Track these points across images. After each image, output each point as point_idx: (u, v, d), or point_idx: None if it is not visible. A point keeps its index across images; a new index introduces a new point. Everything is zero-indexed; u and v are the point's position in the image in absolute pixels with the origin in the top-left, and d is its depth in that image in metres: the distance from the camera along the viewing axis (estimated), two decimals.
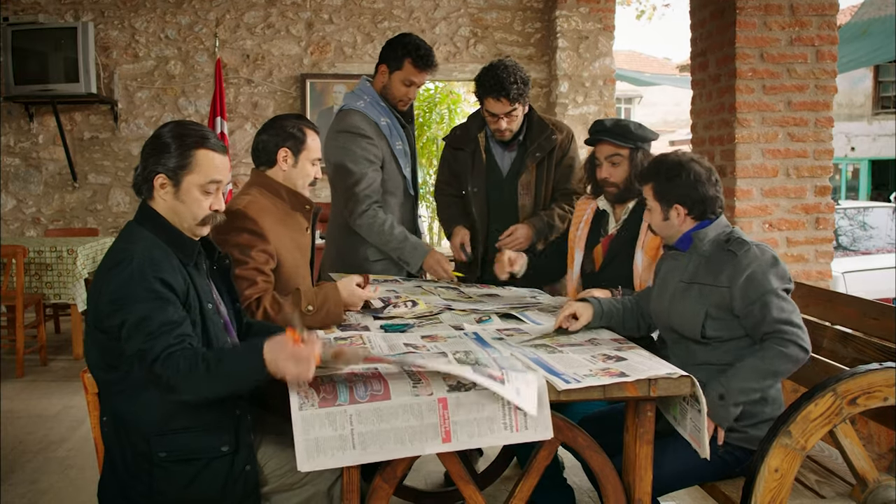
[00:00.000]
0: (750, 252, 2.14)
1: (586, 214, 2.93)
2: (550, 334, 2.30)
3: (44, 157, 6.99)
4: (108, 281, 1.82)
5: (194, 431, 1.86)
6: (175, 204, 1.93)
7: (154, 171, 1.91)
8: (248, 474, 1.90)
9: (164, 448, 1.84)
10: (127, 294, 1.78)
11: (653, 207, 2.30)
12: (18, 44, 6.50)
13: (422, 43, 3.08)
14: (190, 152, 1.91)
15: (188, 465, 1.85)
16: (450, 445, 1.79)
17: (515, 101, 3.03)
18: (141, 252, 1.84)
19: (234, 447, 1.89)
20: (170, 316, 1.79)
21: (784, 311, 2.08)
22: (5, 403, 4.41)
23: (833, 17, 4.30)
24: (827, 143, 4.36)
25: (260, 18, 7.04)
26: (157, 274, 1.81)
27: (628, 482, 2.02)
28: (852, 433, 2.03)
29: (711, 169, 2.27)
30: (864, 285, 6.03)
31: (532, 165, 3.17)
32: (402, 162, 3.17)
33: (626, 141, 2.71)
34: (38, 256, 5.23)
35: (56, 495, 3.22)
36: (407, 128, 3.23)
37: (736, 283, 2.12)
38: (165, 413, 1.83)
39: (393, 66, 3.09)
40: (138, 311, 1.76)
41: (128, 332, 1.77)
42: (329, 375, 1.82)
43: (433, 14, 7.18)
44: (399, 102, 3.15)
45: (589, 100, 7.03)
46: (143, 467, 1.85)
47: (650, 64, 22.49)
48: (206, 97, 7.00)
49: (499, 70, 3.00)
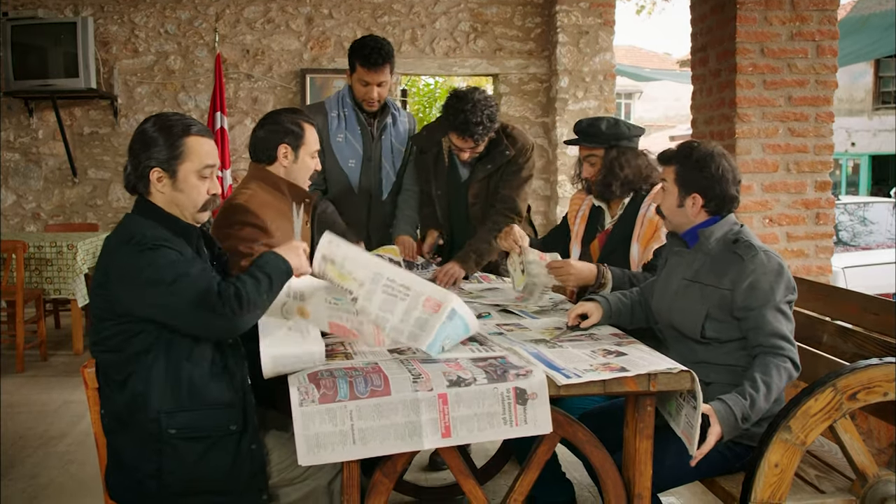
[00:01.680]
0: (756, 258, 2.12)
1: (582, 209, 2.94)
2: (551, 329, 2.30)
3: (44, 152, 6.98)
4: (125, 255, 1.84)
5: (204, 409, 1.87)
6: (174, 194, 1.94)
7: (148, 166, 1.92)
8: (255, 453, 1.92)
9: (174, 425, 1.85)
10: (154, 261, 1.81)
11: (669, 190, 2.26)
12: (18, 39, 6.49)
13: (369, 41, 3.11)
14: (180, 141, 1.93)
15: (197, 443, 1.87)
16: (450, 440, 1.79)
17: (479, 141, 3.02)
18: (152, 232, 1.88)
19: (241, 426, 1.91)
20: (204, 266, 1.91)
21: (781, 325, 2.08)
22: (5, 398, 4.41)
23: (833, 12, 4.30)
24: (827, 139, 4.36)
25: (260, 13, 7.03)
26: (177, 247, 1.88)
27: (628, 477, 2.03)
28: (852, 428, 2.03)
29: (737, 169, 2.26)
30: (865, 280, 6.02)
31: (483, 176, 3.17)
32: (340, 156, 3.19)
33: (596, 141, 2.72)
34: (38, 252, 5.23)
35: (56, 490, 3.22)
36: (365, 127, 3.23)
37: (739, 287, 2.11)
38: (175, 391, 1.85)
39: (350, 69, 3.18)
40: (174, 269, 1.81)
41: (166, 290, 1.79)
42: (330, 371, 1.83)
43: (433, 9, 7.17)
44: (364, 103, 3.19)
45: (589, 95, 7.02)
46: (152, 447, 1.85)
47: (650, 59, 22.47)
48: (205, 92, 6.99)
49: (466, 107, 2.93)
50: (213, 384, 1.88)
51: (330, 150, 3.19)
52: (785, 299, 2.11)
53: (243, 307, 1.81)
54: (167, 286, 1.79)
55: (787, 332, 2.08)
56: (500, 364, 1.89)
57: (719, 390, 2.06)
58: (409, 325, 1.94)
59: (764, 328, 2.07)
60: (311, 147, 2.57)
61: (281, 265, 1.93)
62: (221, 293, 1.80)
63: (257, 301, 1.85)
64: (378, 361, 1.92)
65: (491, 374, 1.82)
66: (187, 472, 1.86)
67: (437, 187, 3.26)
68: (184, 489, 1.87)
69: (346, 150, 3.21)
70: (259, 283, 1.86)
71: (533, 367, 1.87)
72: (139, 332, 1.84)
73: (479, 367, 1.86)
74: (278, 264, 1.93)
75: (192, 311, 1.80)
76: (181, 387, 1.86)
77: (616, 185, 2.70)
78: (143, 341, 1.84)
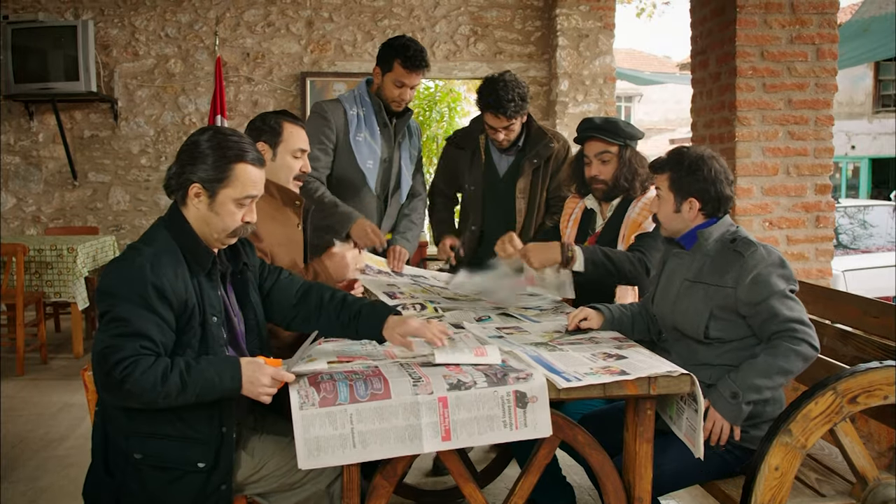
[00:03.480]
0: (757, 253, 2.13)
1: (574, 213, 2.95)
2: (551, 333, 2.30)
3: (44, 155, 6.98)
4: (109, 271, 1.84)
5: (173, 440, 1.84)
6: (208, 215, 1.92)
7: (189, 180, 1.90)
8: (223, 494, 1.88)
9: (140, 450, 1.83)
10: (118, 290, 1.79)
11: (665, 197, 2.28)
12: (18, 42, 6.50)
13: (412, 43, 3.10)
14: (229, 166, 1.90)
15: (162, 472, 1.84)
16: (450, 444, 1.79)
17: (512, 118, 3.11)
18: (150, 253, 1.85)
19: (211, 464, 1.86)
20: (147, 329, 1.78)
21: (793, 311, 2.09)
22: (6, 401, 4.41)
23: (833, 14, 4.30)
24: (827, 142, 4.36)
25: (260, 16, 7.04)
26: (155, 280, 1.80)
27: (628, 480, 2.03)
28: (852, 431, 2.03)
29: (728, 169, 2.28)
30: (865, 283, 6.02)
31: (529, 171, 3.25)
32: (359, 155, 3.17)
33: (615, 138, 2.74)
34: (39, 255, 5.22)
35: (56, 493, 3.22)
36: (388, 127, 3.23)
37: (742, 283, 2.12)
38: (150, 416, 1.82)
39: (384, 67, 3.13)
40: (121, 310, 1.77)
41: (104, 325, 1.78)
42: (330, 374, 1.83)
43: (433, 12, 7.18)
44: (393, 103, 3.18)
45: (589, 98, 7.03)
46: (119, 464, 1.85)
47: (650, 62, 22.48)
48: (206, 95, 6.99)
49: (498, 86, 3.06)
50: (190, 416, 1.83)
51: (349, 148, 3.16)
52: (788, 288, 2.12)
53: (122, 392, 1.74)
54: (102, 323, 1.79)
55: (800, 315, 2.09)
56: (500, 367, 1.89)
57: None
58: None
59: (778, 316, 2.08)
60: (292, 145, 2.52)
61: (217, 380, 1.78)
62: (115, 365, 1.72)
63: (143, 396, 1.74)
64: (378, 365, 1.92)
65: (491, 378, 1.82)
66: (148, 498, 1.84)
67: (471, 183, 3.32)
68: None
69: (366, 150, 3.18)
70: (164, 382, 1.73)
71: (533, 370, 1.87)
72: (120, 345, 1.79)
73: (480, 371, 1.86)
74: (214, 378, 1.78)
75: (95, 357, 1.77)
76: (155, 414, 1.81)
77: (637, 181, 2.74)
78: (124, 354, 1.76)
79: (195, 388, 1.76)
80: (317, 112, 3.20)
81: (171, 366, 1.77)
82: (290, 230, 2.56)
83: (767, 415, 2.16)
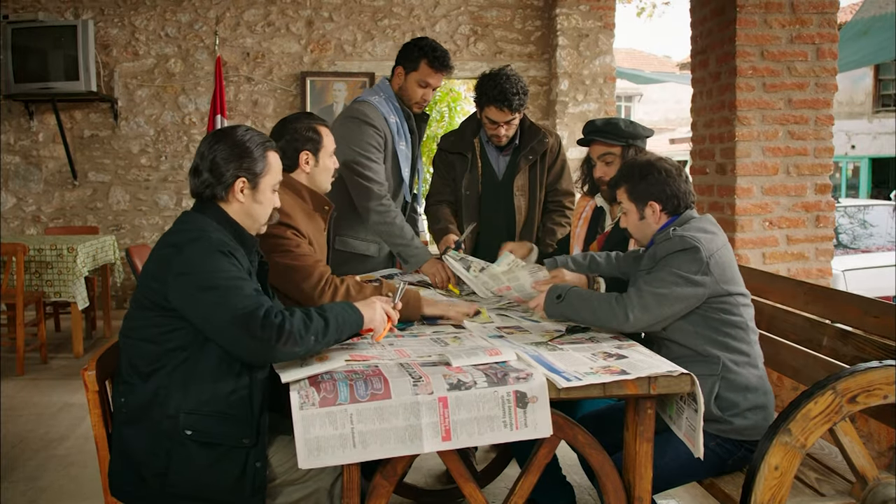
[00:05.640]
0: (673, 238, 2.19)
1: (585, 212, 2.97)
2: (551, 332, 2.30)
3: (44, 155, 6.99)
4: (188, 252, 1.85)
5: (223, 418, 1.87)
6: (252, 206, 2.02)
7: (236, 175, 1.98)
8: (259, 471, 1.92)
9: (191, 426, 1.85)
10: (211, 264, 1.83)
11: (628, 209, 2.35)
12: (18, 42, 6.50)
13: (438, 45, 3.11)
14: (265, 155, 2.03)
15: (209, 450, 1.86)
16: (450, 444, 1.79)
17: (517, 111, 3.08)
18: (215, 234, 1.91)
19: (253, 441, 1.91)
20: (255, 286, 1.89)
21: (648, 284, 2.16)
22: (6, 401, 4.41)
23: (833, 14, 4.30)
24: (827, 141, 4.36)
25: (260, 16, 7.04)
26: (235, 252, 1.90)
27: (628, 480, 2.03)
28: (852, 431, 2.03)
29: (679, 166, 2.34)
30: (865, 283, 6.02)
31: (525, 167, 3.22)
32: (402, 163, 3.16)
33: (616, 139, 2.75)
34: (39, 254, 5.22)
35: (56, 493, 3.22)
36: (415, 133, 3.23)
37: (650, 255, 2.23)
38: (198, 393, 1.86)
39: (409, 66, 3.10)
40: (228, 275, 1.83)
41: (218, 297, 1.80)
42: (330, 374, 1.83)
43: (433, 12, 7.18)
44: (415, 105, 3.16)
45: (589, 98, 7.03)
46: (164, 445, 1.86)
47: (650, 62, 22.48)
48: (206, 95, 7.00)
49: (501, 80, 3.02)
50: (235, 395, 1.88)
51: (395, 158, 3.13)
52: (688, 273, 2.13)
53: (281, 340, 1.80)
54: (219, 294, 1.80)
55: (646, 288, 2.15)
56: (501, 367, 1.89)
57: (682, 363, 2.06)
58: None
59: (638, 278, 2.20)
60: (329, 148, 2.58)
61: (349, 315, 1.95)
62: (265, 318, 1.79)
63: (299, 339, 1.83)
64: (378, 364, 1.92)
65: (491, 378, 1.82)
66: (194, 476, 1.86)
67: (466, 187, 3.25)
68: (186, 493, 1.87)
69: (405, 158, 3.17)
70: (310, 322, 1.85)
71: (533, 370, 1.87)
72: (180, 328, 1.85)
73: (480, 371, 1.86)
74: (346, 313, 1.95)
75: (230, 327, 1.80)
76: (205, 391, 1.86)
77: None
78: (181, 338, 1.86)
79: (335, 322, 1.90)
80: (360, 119, 3.04)
81: (303, 309, 1.90)
82: (319, 234, 2.59)
83: (750, 402, 2.16)
